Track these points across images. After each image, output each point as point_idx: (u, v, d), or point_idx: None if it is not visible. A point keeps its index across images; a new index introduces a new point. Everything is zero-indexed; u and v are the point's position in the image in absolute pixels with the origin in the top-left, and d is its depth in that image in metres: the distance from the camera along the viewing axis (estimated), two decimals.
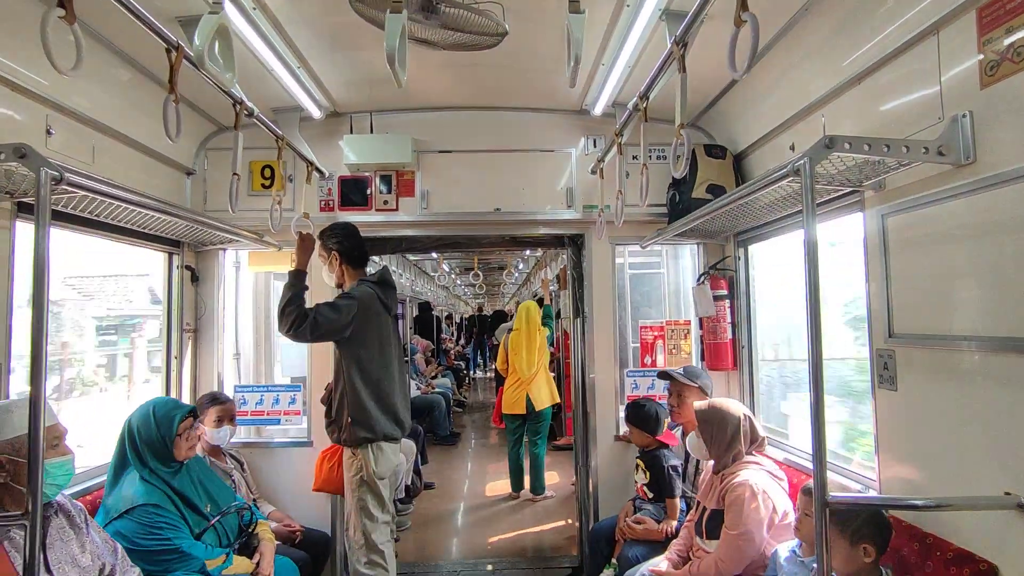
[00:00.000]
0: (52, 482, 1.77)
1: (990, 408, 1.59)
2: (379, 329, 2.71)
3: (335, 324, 2.57)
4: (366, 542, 2.63)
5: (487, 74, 2.99)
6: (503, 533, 4.55)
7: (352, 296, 2.67)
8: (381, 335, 2.72)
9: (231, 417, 2.97)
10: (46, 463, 1.75)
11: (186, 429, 2.40)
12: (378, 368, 2.67)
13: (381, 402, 2.65)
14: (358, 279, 2.78)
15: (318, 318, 2.52)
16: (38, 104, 2.14)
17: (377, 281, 2.78)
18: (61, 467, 1.80)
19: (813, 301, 1.47)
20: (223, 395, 3.04)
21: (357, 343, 2.64)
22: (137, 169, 2.79)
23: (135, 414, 2.37)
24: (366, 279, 2.77)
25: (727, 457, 2.34)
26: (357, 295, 2.67)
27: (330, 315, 2.56)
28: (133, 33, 2.19)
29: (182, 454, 2.39)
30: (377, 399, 2.64)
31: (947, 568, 1.65)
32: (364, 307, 2.65)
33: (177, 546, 2.20)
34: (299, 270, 2.66)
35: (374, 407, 2.62)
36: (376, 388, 2.64)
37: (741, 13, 1.44)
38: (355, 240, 2.81)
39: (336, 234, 2.79)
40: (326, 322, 2.54)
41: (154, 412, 2.36)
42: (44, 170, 1.48)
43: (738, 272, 3.26)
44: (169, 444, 2.33)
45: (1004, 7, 1.50)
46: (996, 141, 1.54)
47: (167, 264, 3.21)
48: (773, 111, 2.68)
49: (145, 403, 2.42)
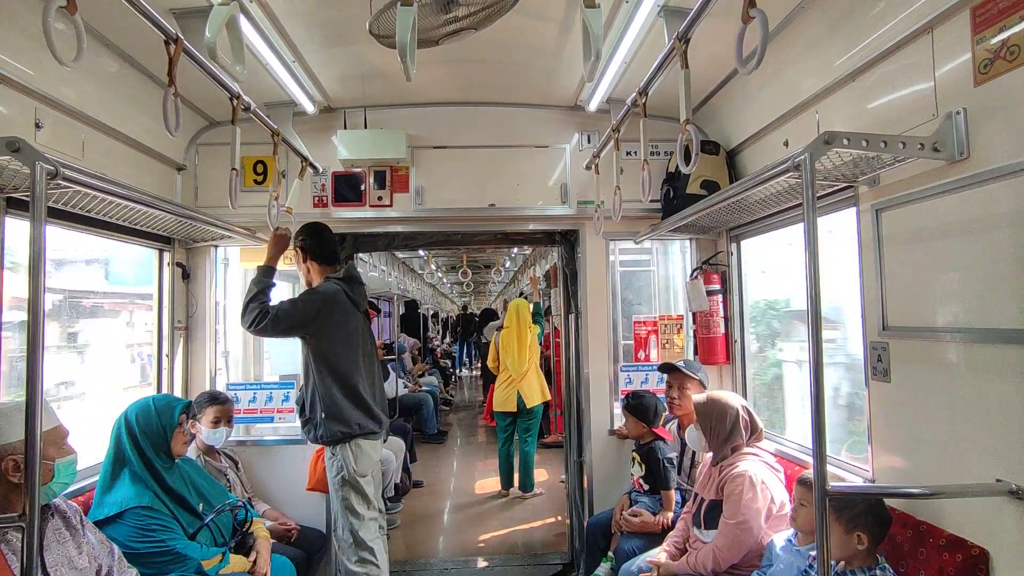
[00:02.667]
0: (61, 480, 1.78)
1: (981, 398, 1.64)
2: (346, 324, 2.71)
3: (296, 320, 2.59)
4: (354, 540, 2.63)
5: (481, 69, 2.98)
6: (493, 530, 4.57)
7: (316, 292, 2.70)
8: (349, 331, 2.72)
9: (229, 418, 2.94)
10: (57, 463, 1.74)
11: (182, 424, 2.39)
12: (347, 363, 2.68)
13: (352, 396, 2.65)
14: (324, 276, 2.79)
15: (279, 313, 2.56)
16: (26, 97, 2.09)
17: (343, 278, 2.78)
18: (69, 467, 1.81)
19: (813, 295, 1.50)
20: (222, 395, 3.00)
21: (324, 339, 2.65)
22: (127, 164, 2.74)
23: (131, 407, 2.35)
24: (332, 276, 2.78)
25: (726, 448, 2.37)
26: (321, 291, 2.69)
27: (291, 311, 2.60)
28: (123, 24, 2.16)
29: (178, 447, 2.37)
30: (346, 392, 2.64)
31: (940, 554, 1.69)
32: (329, 303, 2.66)
33: (171, 547, 2.18)
34: (268, 266, 2.67)
35: (345, 401, 2.63)
36: (346, 383, 2.65)
37: (749, 9, 1.45)
38: (321, 238, 2.82)
39: (303, 232, 2.81)
40: (287, 318, 2.57)
41: (154, 403, 2.35)
42: (39, 165, 1.44)
43: (731, 267, 3.30)
44: (169, 435, 2.32)
45: (997, 6, 1.53)
46: (989, 138, 1.58)
47: (158, 261, 3.16)
48: (766, 108, 2.72)
49: (140, 399, 2.39)
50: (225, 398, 2.97)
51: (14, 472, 1.66)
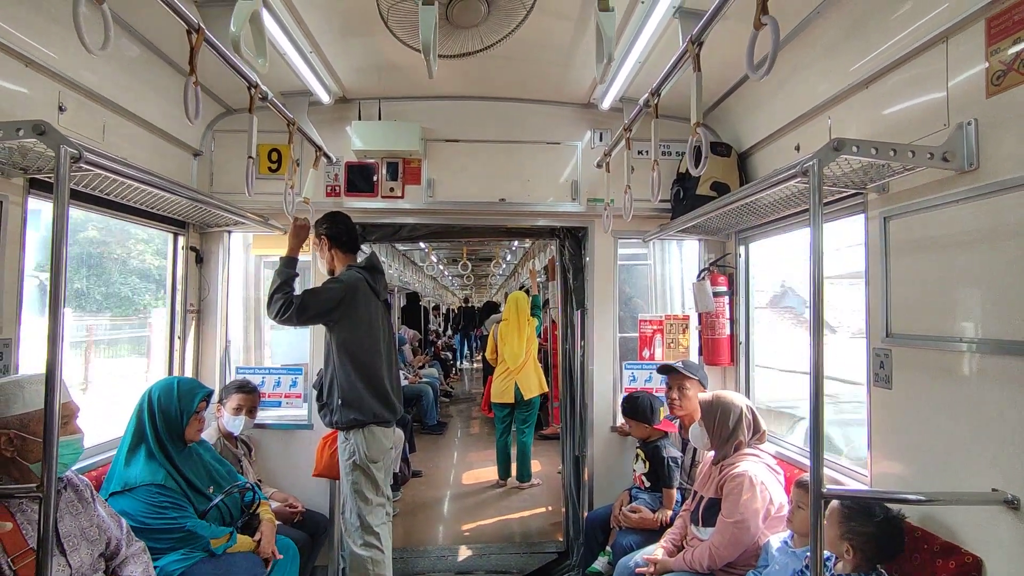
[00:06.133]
0: (60, 460, 1.75)
1: (981, 408, 1.65)
2: (368, 313, 2.75)
3: (321, 308, 2.64)
4: (361, 524, 2.68)
5: (497, 65, 2.99)
6: (490, 519, 4.63)
7: (339, 280, 2.74)
8: (370, 319, 2.76)
9: (251, 408, 3.00)
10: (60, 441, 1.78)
11: (200, 411, 2.44)
12: (367, 351, 2.72)
13: (370, 384, 2.69)
14: (347, 265, 2.83)
15: (304, 302, 2.60)
16: (50, 80, 2.13)
17: (365, 266, 2.83)
18: (69, 446, 1.82)
19: (816, 300, 1.52)
20: (250, 384, 3.05)
21: (345, 327, 2.69)
22: (146, 148, 2.78)
23: (156, 384, 2.41)
24: (355, 265, 2.83)
25: (728, 447, 2.39)
26: (344, 279, 2.73)
27: (316, 299, 2.64)
28: (145, 11, 2.19)
29: (191, 433, 2.42)
30: (366, 381, 2.68)
31: (934, 560, 1.71)
32: (351, 291, 2.70)
33: (182, 525, 2.24)
34: (290, 256, 2.71)
35: (363, 389, 2.67)
36: (365, 370, 2.69)
37: (761, 16, 1.46)
38: (344, 226, 2.86)
39: (326, 220, 2.86)
40: (313, 306, 2.62)
41: (178, 386, 2.41)
42: (64, 148, 1.48)
43: (738, 269, 3.31)
44: (185, 420, 2.37)
45: (1013, 18, 1.53)
46: (999, 149, 1.58)
47: (172, 244, 3.22)
48: (779, 111, 2.72)
49: (167, 378, 2.47)
50: (252, 388, 3.03)
51: (7, 446, 1.69)
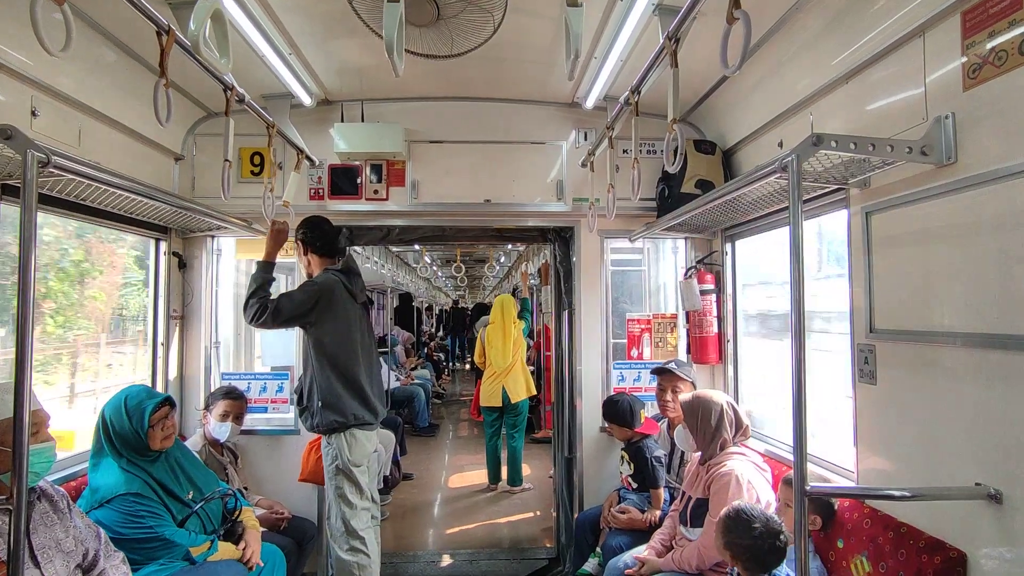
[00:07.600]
0: (31, 470, 1.71)
1: (964, 402, 1.64)
2: (345, 315, 2.75)
3: (295, 311, 2.65)
4: (346, 529, 2.66)
5: (479, 66, 2.98)
6: (480, 523, 4.60)
7: (314, 283, 2.74)
8: (348, 321, 2.76)
9: (238, 415, 2.97)
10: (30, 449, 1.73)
11: (160, 419, 2.36)
12: (345, 352, 2.72)
13: (349, 385, 2.69)
14: (324, 269, 2.82)
15: (279, 306, 2.60)
16: (23, 84, 2.10)
17: (341, 269, 2.83)
18: (41, 454, 1.77)
19: (797, 296, 1.50)
20: (237, 391, 3.03)
21: (322, 329, 2.69)
22: (124, 153, 2.75)
23: (109, 404, 2.33)
24: (331, 268, 2.83)
25: (714, 446, 2.38)
26: (319, 282, 2.74)
27: (290, 302, 2.65)
28: (120, 14, 2.15)
29: (157, 444, 2.35)
30: (345, 383, 2.68)
31: (919, 556, 1.70)
32: (326, 293, 2.70)
33: (159, 534, 2.20)
34: (267, 261, 2.71)
35: (342, 390, 2.67)
36: (343, 372, 2.69)
37: (733, 11, 1.46)
38: (320, 231, 2.87)
39: (303, 225, 2.86)
40: (287, 309, 2.62)
41: (126, 403, 2.31)
42: (30, 152, 1.46)
43: (725, 267, 3.31)
44: (142, 435, 2.30)
45: (987, 11, 1.53)
46: (977, 142, 1.58)
47: (154, 250, 3.18)
48: (762, 108, 2.72)
49: (119, 393, 2.37)
50: (239, 394, 3.00)
51: None
